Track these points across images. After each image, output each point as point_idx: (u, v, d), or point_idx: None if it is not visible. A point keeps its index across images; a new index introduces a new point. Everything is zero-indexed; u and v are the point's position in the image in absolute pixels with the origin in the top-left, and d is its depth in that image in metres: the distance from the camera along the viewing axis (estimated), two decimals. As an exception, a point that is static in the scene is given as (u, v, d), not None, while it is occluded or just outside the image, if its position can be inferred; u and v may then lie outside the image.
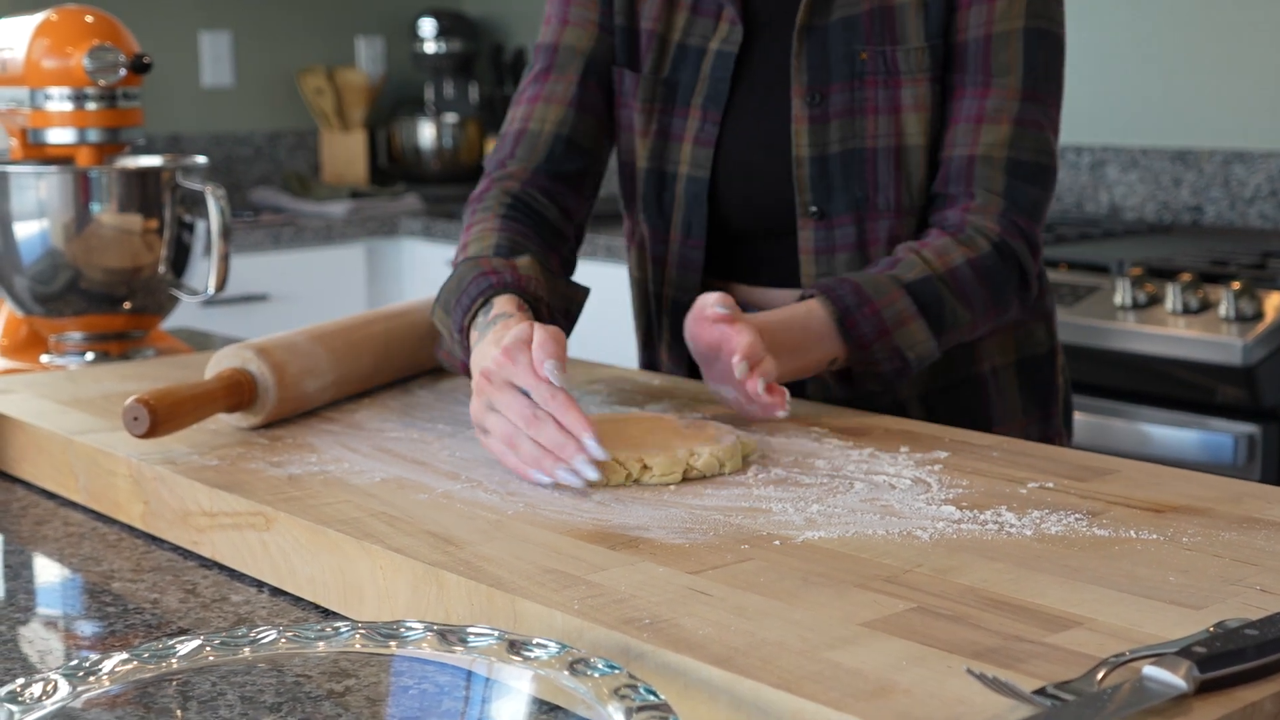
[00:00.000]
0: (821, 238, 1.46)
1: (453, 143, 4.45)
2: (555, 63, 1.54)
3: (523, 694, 0.77)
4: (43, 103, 1.73)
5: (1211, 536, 0.99)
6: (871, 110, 1.44)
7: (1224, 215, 3.12)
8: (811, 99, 1.45)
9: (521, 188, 1.49)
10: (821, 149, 1.45)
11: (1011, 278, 1.42)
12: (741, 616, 0.84)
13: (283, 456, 1.21)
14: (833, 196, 1.45)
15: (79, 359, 1.75)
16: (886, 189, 1.45)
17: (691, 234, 1.52)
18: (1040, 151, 1.44)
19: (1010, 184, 1.42)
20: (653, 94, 1.52)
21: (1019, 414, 1.55)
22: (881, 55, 1.43)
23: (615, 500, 1.09)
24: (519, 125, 1.54)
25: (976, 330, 1.42)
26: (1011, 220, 1.42)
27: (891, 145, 1.44)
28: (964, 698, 0.73)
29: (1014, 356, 1.55)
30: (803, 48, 1.45)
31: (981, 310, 1.41)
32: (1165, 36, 3.19)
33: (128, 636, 0.96)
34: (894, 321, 1.34)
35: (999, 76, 1.43)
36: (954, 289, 1.38)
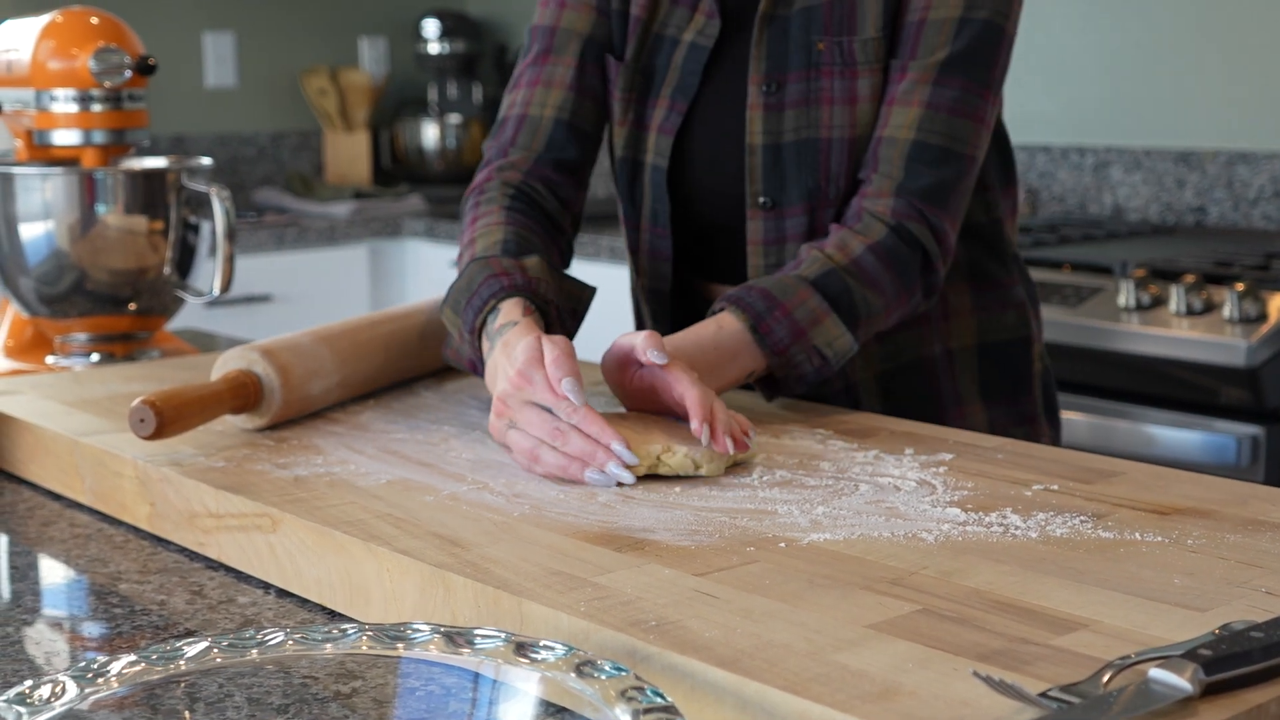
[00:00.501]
0: (771, 229, 1.47)
1: (456, 143, 4.45)
2: (553, 45, 1.54)
3: (530, 696, 0.77)
4: (48, 104, 1.73)
5: (1217, 539, 0.99)
6: (827, 100, 1.44)
7: (1227, 216, 3.12)
8: (768, 88, 1.45)
9: (523, 179, 1.50)
10: (775, 137, 1.45)
11: (914, 259, 1.39)
12: (747, 619, 0.84)
13: (288, 458, 1.21)
14: (785, 186, 1.45)
15: (84, 360, 1.76)
16: (838, 178, 1.44)
17: (658, 223, 1.53)
18: (952, 137, 1.40)
19: (909, 166, 1.39)
20: (630, 82, 1.53)
21: (977, 397, 1.54)
22: (838, 46, 1.43)
23: (621, 502, 1.09)
24: (519, 110, 1.54)
25: (890, 318, 1.40)
26: (907, 202, 1.39)
27: (846, 136, 1.44)
28: (969, 700, 0.73)
29: (974, 340, 1.54)
30: (763, 36, 1.45)
31: (892, 294, 1.38)
32: (1169, 38, 3.19)
33: (135, 638, 0.96)
34: (807, 321, 1.32)
35: (921, 59, 1.40)
36: (860, 278, 1.35)
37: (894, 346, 1.50)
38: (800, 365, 1.33)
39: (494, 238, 1.41)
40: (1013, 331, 1.56)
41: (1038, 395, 1.59)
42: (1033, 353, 1.59)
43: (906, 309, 1.42)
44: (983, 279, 1.55)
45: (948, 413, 1.52)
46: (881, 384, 1.51)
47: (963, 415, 1.53)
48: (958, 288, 1.53)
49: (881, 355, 1.50)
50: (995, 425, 1.54)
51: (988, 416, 1.54)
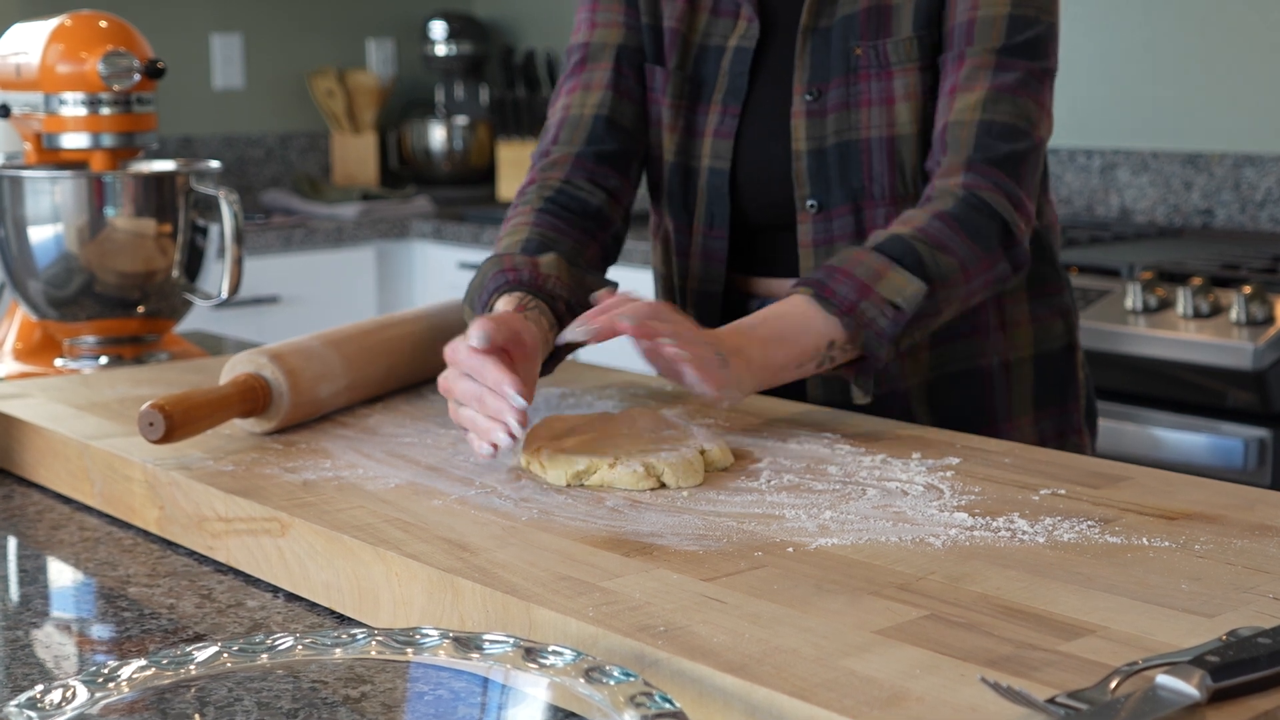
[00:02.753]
0: (820, 230, 1.49)
1: (463, 145, 4.46)
2: (589, 55, 1.59)
3: (538, 701, 0.77)
4: (57, 108, 1.74)
5: (1224, 544, 0.99)
6: (865, 103, 1.47)
7: (1235, 219, 3.12)
8: (810, 95, 1.49)
9: (565, 177, 1.53)
10: (819, 142, 1.48)
11: (990, 226, 1.38)
12: (755, 624, 0.84)
13: (297, 462, 1.22)
14: (830, 188, 1.48)
15: (93, 363, 1.76)
16: (881, 178, 1.47)
17: (714, 225, 1.55)
18: (1017, 115, 1.42)
19: (980, 142, 1.40)
20: (680, 90, 1.56)
21: (1030, 408, 1.55)
22: (874, 49, 1.46)
23: (629, 507, 1.09)
24: (560, 115, 1.58)
25: (971, 281, 1.36)
26: (979, 173, 1.39)
27: (884, 135, 1.46)
28: (977, 706, 0.73)
29: (1031, 351, 1.55)
30: (806, 47, 1.49)
31: (968, 257, 1.35)
32: (1176, 40, 3.19)
33: (144, 641, 0.97)
34: (870, 276, 1.30)
35: (976, 46, 1.43)
36: (926, 240, 1.34)
37: (947, 355, 1.51)
38: (874, 320, 1.30)
39: (517, 237, 1.45)
40: (1061, 340, 1.57)
41: (1081, 404, 1.60)
42: (1076, 360, 1.60)
43: (990, 276, 1.39)
44: (1038, 287, 1.56)
45: (999, 425, 1.52)
46: (931, 392, 1.51)
47: (1014, 428, 1.53)
48: (1016, 297, 1.53)
49: (932, 363, 1.51)
50: (1044, 437, 1.54)
51: (1037, 429, 1.54)
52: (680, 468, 1.14)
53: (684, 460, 1.15)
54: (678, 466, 1.14)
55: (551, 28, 4.51)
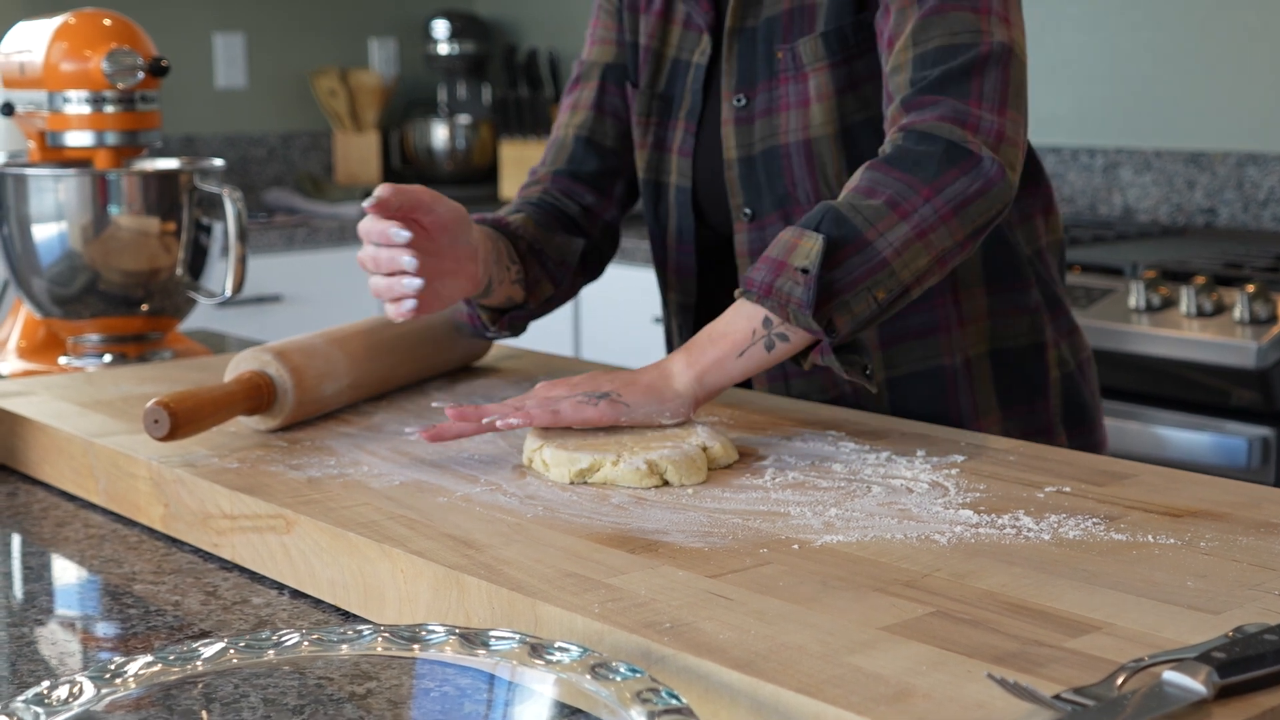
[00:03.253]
0: (755, 239, 1.48)
1: (465, 144, 4.46)
2: (582, 74, 1.63)
3: (545, 698, 0.78)
4: (61, 106, 1.74)
5: (1229, 541, 0.99)
6: (785, 106, 1.45)
7: (1238, 218, 3.12)
8: (738, 101, 1.47)
9: (543, 190, 1.58)
10: (747, 149, 1.47)
11: (931, 152, 1.25)
12: (762, 620, 0.84)
13: (302, 459, 1.22)
14: (761, 196, 1.47)
15: (97, 361, 1.76)
16: (803, 182, 1.44)
17: (683, 240, 1.56)
18: (949, 32, 1.30)
19: (914, 77, 1.30)
20: (648, 108, 1.56)
21: (995, 408, 1.50)
22: (791, 51, 1.44)
23: (634, 504, 1.09)
24: (552, 135, 1.63)
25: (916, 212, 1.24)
26: (916, 107, 1.29)
27: (801, 139, 1.44)
28: (984, 702, 0.73)
29: (987, 347, 1.49)
30: (733, 51, 1.47)
31: (901, 190, 1.24)
32: (1179, 39, 3.18)
33: (149, 638, 0.97)
34: (783, 252, 1.23)
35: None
36: (850, 196, 1.25)
37: (900, 356, 1.47)
38: (790, 293, 1.21)
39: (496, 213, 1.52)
40: (1026, 338, 1.52)
41: (1054, 404, 1.54)
42: (1047, 360, 1.53)
43: (940, 201, 1.24)
44: (996, 281, 1.50)
45: (967, 425, 1.49)
46: (890, 392, 1.47)
47: (981, 428, 1.49)
48: (973, 292, 1.48)
49: (885, 363, 1.47)
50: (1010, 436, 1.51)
51: (1004, 429, 1.51)
52: (683, 465, 1.14)
53: (686, 457, 1.15)
54: (680, 464, 1.14)
55: (554, 27, 4.51)
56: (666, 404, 1.24)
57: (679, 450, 1.16)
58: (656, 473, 1.14)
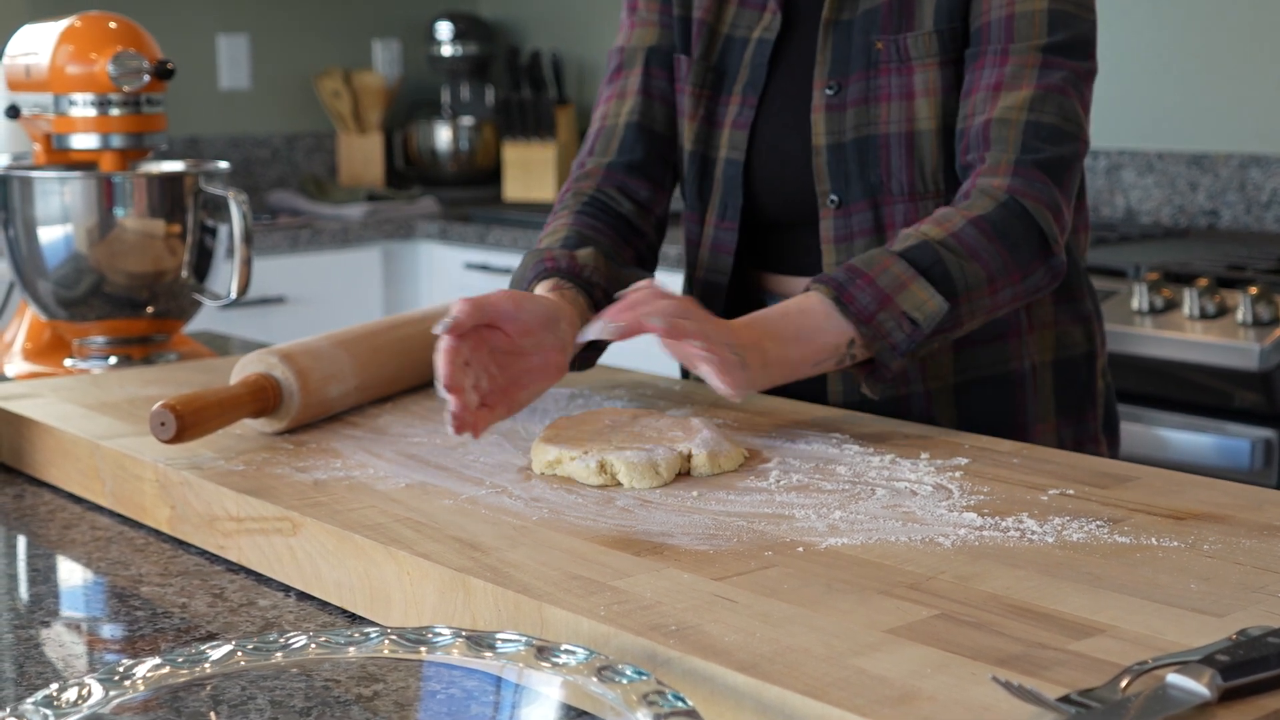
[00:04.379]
0: (840, 226, 1.48)
1: (469, 146, 4.46)
2: (624, 61, 1.62)
3: (551, 700, 0.78)
4: (67, 108, 1.74)
5: (1232, 544, 0.99)
6: (885, 97, 1.46)
7: (1240, 219, 3.12)
8: (831, 90, 1.48)
9: (597, 187, 1.56)
10: (838, 136, 1.48)
11: (1029, 236, 1.35)
12: (766, 623, 0.85)
13: (307, 461, 1.22)
14: (849, 183, 1.47)
15: (102, 363, 1.77)
16: (899, 174, 1.46)
17: (726, 216, 1.55)
18: (1064, 118, 1.39)
19: (1026, 143, 1.37)
20: (702, 80, 1.56)
21: (1052, 415, 1.53)
22: (895, 43, 1.45)
23: (639, 506, 1.09)
24: (597, 125, 1.61)
25: (999, 292, 1.34)
26: (1024, 178, 1.36)
27: (903, 130, 1.45)
28: (989, 704, 0.73)
29: (1051, 356, 1.53)
30: (828, 41, 1.49)
31: (998, 267, 1.33)
32: (1182, 41, 3.19)
33: (156, 640, 0.97)
34: (892, 286, 1.28)
35: (1020, 44, 1.40)
36: (956, 249, 1.31)
37: (973, 360, 1.49)
38: (890, 333, 1.28)
39: (557, 235, 1.48)
40: (1081, 347, 1.55)
41: (1099, 413, 1.57)
42: (1096, 368, 1.57)
43: (1021, 289, 1.36)
44: (1062, 291, 1.53)
45: (1024, 432, 1.50)
46: (957, 396, 1.49)
47: (1038, 434, 1.51)
48: (1042, 300, 1.50)
49: (956, 367, 1.48)
50: (1063, 445, 1.52)
51: (1057, 436, 1.52)
52: (637, 468, 1.15)
53: (646, 462, 1.15)
54: (635, 467, 1.15)
55: (557, 28, 4.51)
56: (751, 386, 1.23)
57: (642, 454, 1.16)
58: (608, 472, 1.15)
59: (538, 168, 4.22)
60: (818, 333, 1.28)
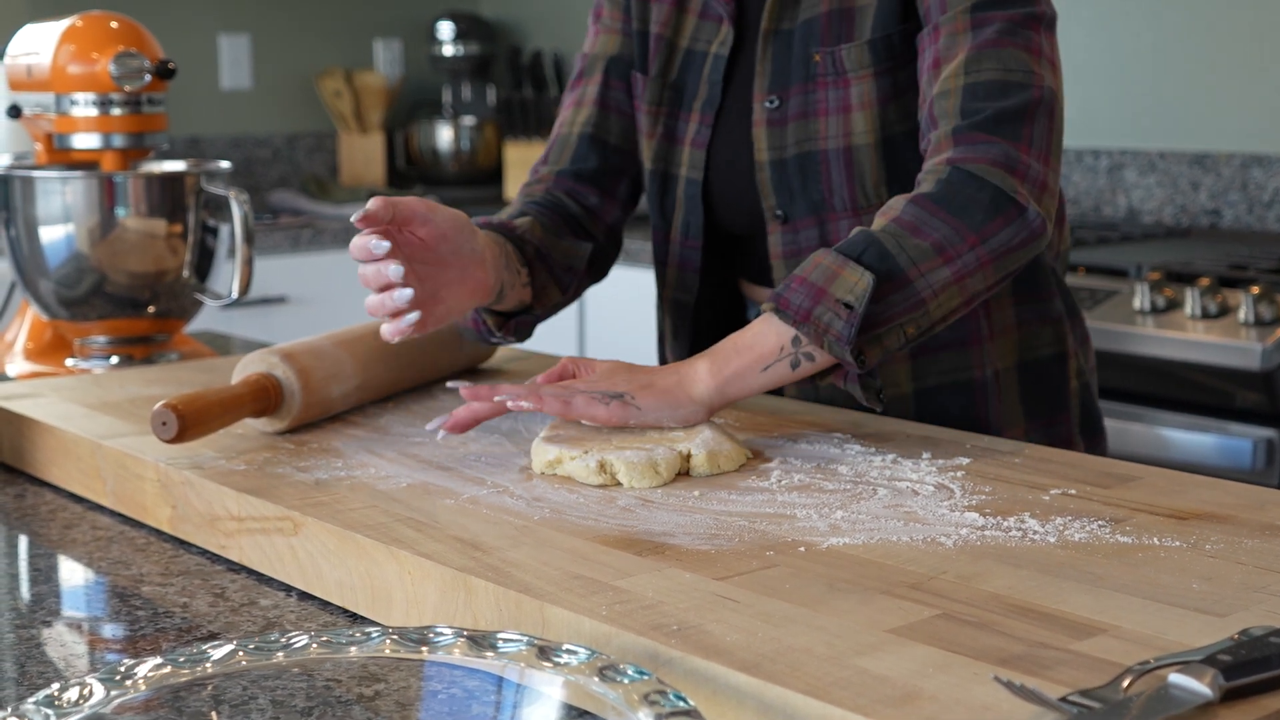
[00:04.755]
0: (788, 240, 1.47)
1: (470, 145, 4.46)
2: (585, 69, 1.61)
3: (553, 700, 0.78)
4: (68, 108, 1.74)
5: (1235, 544, 0.99)
6: (823, 112, 1.43)
7: (1242, 219, 3.12)
8: (771, 103, 1.46)
9: (545, 191, 1.56)
10: (780, 152, 1.45)
11: (979, 196, 1.26)
12: (768, 623, 0.85)
13: (309, 461, 1.22)
14: (793, 199, 1.46)
15: (103, 363, 1.77)
16: (840, 189, 1.43)
17: (689, 235, 1.54)
18: (1004, 69, 1.31)
19: (964, 107, 1.31)
20: (659, 97, 1.55)
21: (1020, 419, 1.50)
22: (831, 56, 1.42)
23: (641, 506, 1.09)
24: (555, 133, 1.61)
25: (958, 259, 1.25)
26: (966, 143, 1.29)
27: (841, 145, 1.43)
28: (990, 704, 0.73)
29: (1015, 359, 1.49)
30: (767, 52, 1.46)
31: (946, 235, 1.24)
32: (1183, 40, 3.19)
33: (157, 640, 0.97)
34: (824, 279, 1.22)
35: (950, 13, 1.35)
36: (894, 231, 1.24)
37: (931, 367, 1.47)
38: (829, 325, 1.21)
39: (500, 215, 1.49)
40: (1050, 348, 1.51)
41: (1074, 415, 1.54)
42: (1069, 370, 1.53)
43: (985, 250, 1.26)
44: (1024, 292, 1.49)
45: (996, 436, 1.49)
46: (918, 404, 1.47)
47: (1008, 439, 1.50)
48: (1002, 304, 1.47)
49: (914, 374, 1.47)
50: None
51: (1027, 440, 1.49)
52: (637, 468, 1.15)
53: (646, 462, 1.15)
54: (635, 466, 1.15)
55: (558, 28, 4.51)
56: (681, 409, 1.23)
57: (642, 454, 1.16)
58: (608, 471, 1.15)
59: (539, 167, 4.22)
60: (758, 339, 1.25)
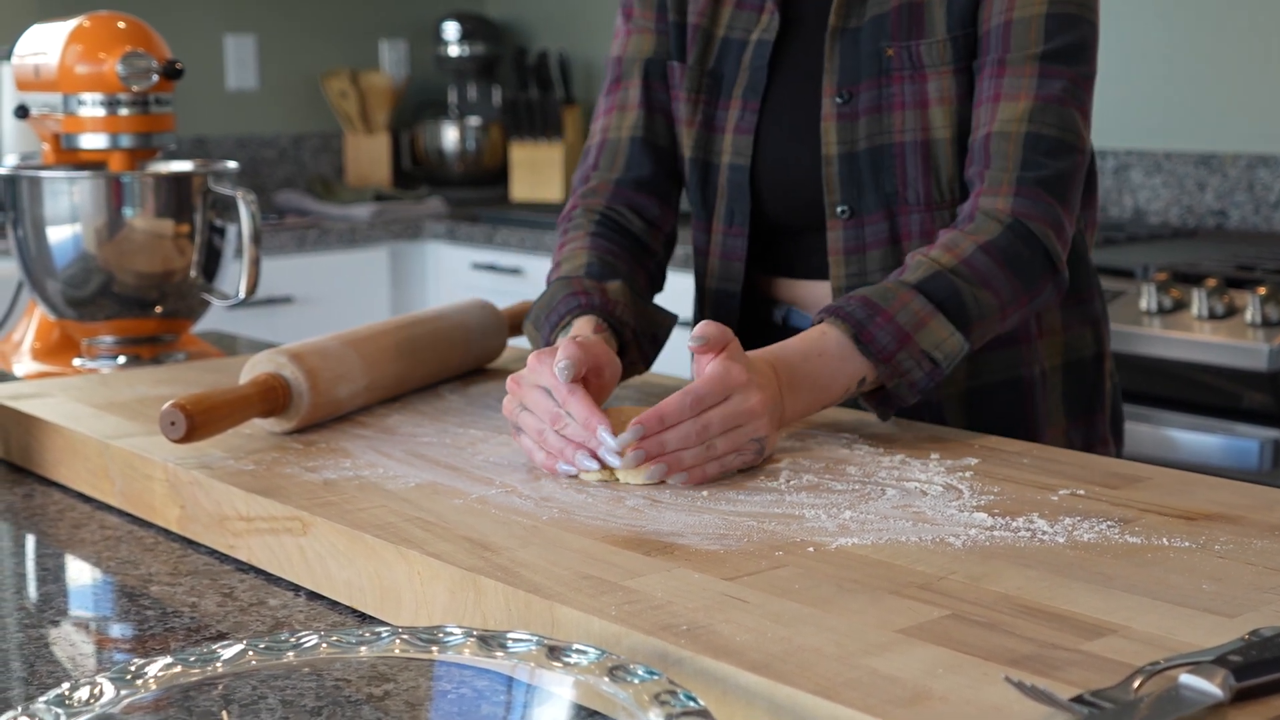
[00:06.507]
0: (851, 237, 1.46)
1: (475, 146, 4.46)
2: (622, 72, 1.60)
3: (563, 700, 0.78)
4: (76, 108, 1.74)
5: (1244, 544, 0.99)
6: (898, 105, 1.44)
7: (1248, 220, 3.12)
8: (841, 98, 1.46)
9: (606, 205, 1.55)
10: (850, 145, 1.45)
11: (1035, 258, 1.35)
12: (778, 623, 0.85)
13: (317, 461, 1.22)
14: (863, 194, 1.45)
15: (111, 363, 1.77)
16: (915, 183, 1.44)
17: (734, 223, 1.53)
18: (1063, 128, 1.38)
19: (1026, 158, 1.36)
20: (698, 85, 1.54)
21: (1062, 419, 1.52)
22: (906, 50, 1.43)
23: (649, 506, 1.09)
24: (599, 138, 1.60)
25: (1008, 318, 1.34)
26: (1027, 198, 1.36)
27: (919, 139, 1.43)
28: (1001, 705, 0.73)
29: (1061, 360, 1.52)
30: (834, 49, 1.47)
31: (1009, 294, 1.33)
32: (1189, 41, 3.18)
33: (166, 639, 0.97)
34: (911, 324, 1.27)
35: (1017, 52, 1.39)
36: (970, 278, 1.31)
37: (984, 365, 1.48)
38: (909, 371, 1.27)
39: (579, 261, 1.46)
40: (1090, 349, 1.54)
41: (1108, 414, 1.57)
42: (1104, 370, 1.56)
43: (1027, 310, 1.37)
44: (1070, 294, 1.52)
45: (1038, 436, 1.50)
46: (968, 403, 1.48)
47: (1049, 438, 1.50)
48: (1050, 305, 1.47)
49: (969, 373, 1.48)
50: (1072, 447, 1.51)
51: (1067, 440, 1.52)
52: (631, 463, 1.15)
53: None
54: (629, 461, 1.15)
55: (564, 29, 4.51)
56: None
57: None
58: (608, 468, 1.16)
59: (545, 168, 4.22)
60: (836, 376, 1.26)
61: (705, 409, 1.16)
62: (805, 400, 1.25)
